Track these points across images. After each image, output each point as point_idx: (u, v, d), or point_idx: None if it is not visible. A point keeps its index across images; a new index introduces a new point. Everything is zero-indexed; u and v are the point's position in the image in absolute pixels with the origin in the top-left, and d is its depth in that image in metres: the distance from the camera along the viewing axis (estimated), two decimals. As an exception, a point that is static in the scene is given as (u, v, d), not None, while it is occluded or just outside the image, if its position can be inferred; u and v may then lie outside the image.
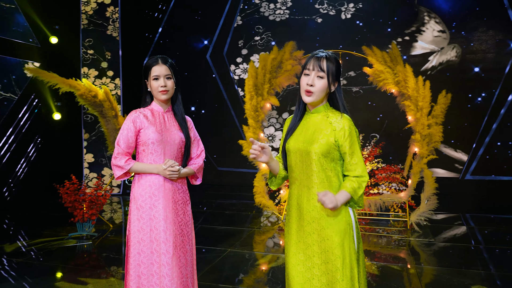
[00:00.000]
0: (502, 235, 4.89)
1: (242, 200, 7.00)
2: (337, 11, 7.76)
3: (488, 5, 6.94)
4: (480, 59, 7.06)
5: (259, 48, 8.22)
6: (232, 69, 8.39)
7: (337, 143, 1.82)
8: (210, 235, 4.90)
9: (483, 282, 3.44)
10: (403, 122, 7.34)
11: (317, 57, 1.83)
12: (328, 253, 1.79)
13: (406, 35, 7.40)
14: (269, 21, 8.14)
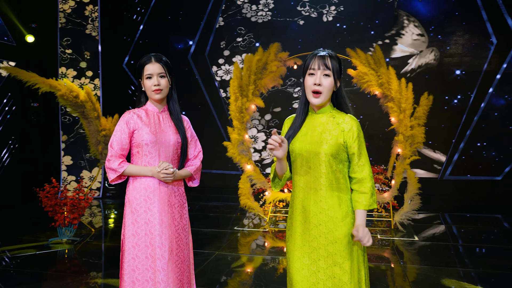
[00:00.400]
0: (478, 234, 5.03)
1: (225, 202, 6.95)
2: (319, 13, 7.82)
3: (464, 10, 7.14)
4: (457, 62, 7.26)
5: (241, 49, 8.20)
6: (214, 70, 8.33)
7: (345, 144, 1.81)
8: (196, 238, 4.83)
9: (461, 278, 3.52)
10: (383, 124, 7.47)
11: (320, 56, 1.79)
12: (336, 256, 1.76)
13: (386, 38, 7.53)
14: (251, 22, 8.13)
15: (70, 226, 4.57)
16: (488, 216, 6.00)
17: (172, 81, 2.19)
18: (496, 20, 6.98)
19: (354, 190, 1.85)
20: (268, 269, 3.85)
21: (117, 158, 2.14)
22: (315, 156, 1.80)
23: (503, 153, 7.05)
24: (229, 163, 8.26)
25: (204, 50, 8.35)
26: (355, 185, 1.85)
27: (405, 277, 3.60)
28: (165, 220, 2.09)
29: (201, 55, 8.37)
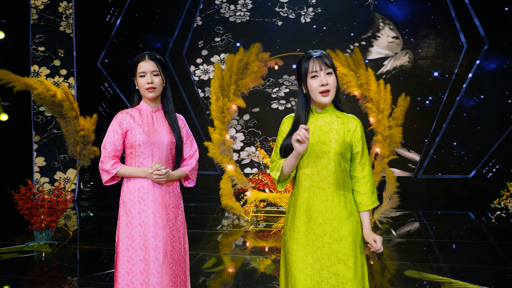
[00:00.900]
0: (449, 230, 5.22)
1: (204, 202, 6.91)
2: (297, 14, 7.90)
3: (437, 14, 7.39)
4: (430, 64, 7.50)
5: (219, 49, 8.17)
6: (192, 70, 8.27)
7: (351, 143, 1.85)
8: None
9: (435, 272, 3.66)
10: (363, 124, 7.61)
11: (317, 57, 1.82)
12: (340, 254, 1.78)
13: (363, 40, 7.69)
14: (230, 22, 8.11)
15: (47, 229, 4.42)
16: (459, 213, 6.24)
17: (166, 79, 2.16)
18: (466, 25, 7.25)
19: (355, 191, 1.89)
20: (249, 269, 3.86)
21: (110, 160, 2.10)
22: (324, 154, 1.82)
23: (472, 152, 7.34)
24: (207, 163, 8.22)
25: (181, 50, 8.27)
26: (356, 185, 1.88)
27: (384, 273, 3.70)
28: (159, 221, 2.06)
29: (178, 55, 8.28)
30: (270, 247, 4.56)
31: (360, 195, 1.87)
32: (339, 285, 1.77)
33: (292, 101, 7.98)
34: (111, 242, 4.66)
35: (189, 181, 2.27)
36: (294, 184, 1.92)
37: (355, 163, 1.87)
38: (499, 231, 5.00)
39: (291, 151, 1.83)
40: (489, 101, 7.24)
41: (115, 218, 6.22)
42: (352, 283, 1.76)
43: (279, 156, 1.93)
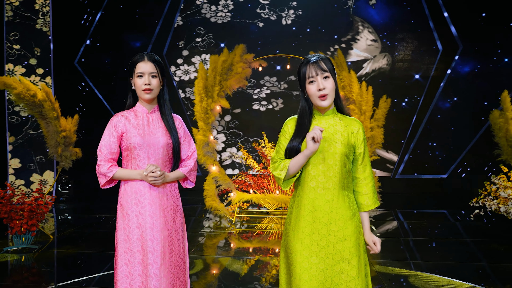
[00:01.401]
0: (426, 228, 5.38)
1: (186, 204, 6.85)
2: (278, 16, 7.95)
3: (414, 19, 7.60)
4: (407, 67, 7.71)
5: (200, 49, 8.13)
6: (173, 70, 8.19)
7: (354, 145, 1.89)
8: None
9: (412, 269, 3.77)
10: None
11: (313, 62, 1.85)
12: (344, 253, 1.82)
13: (343, 42, 7.82)
14: (211, 23, 8.09)
15: (27, 233, 4.28)
16: (435, 211, 6.43)
17: (164, 81, 2.14)
18: (442, 29, 7.49)
19: (356, 192, 1.93)
20: (233, 270, 3.85)
21: (107, 163, 2.08)
22: (330, 155, 1.85)
23: (448, 152, 7.58)
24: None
25: (162, 50, 8.18)
26: (358, 186, 1.93)
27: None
28: (157, 224, 2.03)
29: (159, 55, 8.15)
30: (254, 248, 4.57)
31: (362, 195, 1.92)
32: (343, 283, 1.80)
33: (273, 102, 8.03)
34: (95, 245, 4.56)
35: (187, 182, 2.24)
36: (298, 185, 1.94)
37: (357, 164, 1.92)
38: (474, 229, 5.19)
39: (296, 152, 1.87)
40: (463, 103, 7.50)
41: (96, 221, 6.12)
42: (356, 281, 1.80)
43: (281, 156, 1.95)
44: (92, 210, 6.47)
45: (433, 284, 3.47)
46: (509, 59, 7.27)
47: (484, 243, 4.55)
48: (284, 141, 1.96)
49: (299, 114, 1.95)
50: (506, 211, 4.03)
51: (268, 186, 6.01)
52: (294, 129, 1.93)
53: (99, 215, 6.11)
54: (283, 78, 7.96)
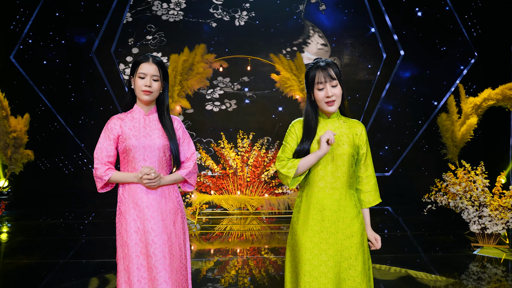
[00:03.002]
0: (375, 224, 5.73)
1: None
2: (231, 17, 7.97)
3: (361, 26, 8.02)
4: (354, 72, 8.11)
5: (151, 48, 7.89)
6: (122, 68, 7.86)
7: (358, 145, 1.99)
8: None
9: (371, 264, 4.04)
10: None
11: (322, 68, 1.92)
12: (352, 249, 1.90)
13: (294, 45, 8.03)
14: (162, 21, 7.89)
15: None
16: (380, 208, 6.84)
17: (165, 86, 2.09)
18: (385, 36, 7.99)
19: (358, 190, 2.03)
20: (193, 272, 3.78)
21: (103, 166, 2.03)
22: (339, 156, 1.93)
23: (391, 152, 8.11)
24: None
25: (109, 46, 7.82)
26: (360, 184, 2.03)
27: None
28: (156, 227, 1.97)
29: (106, 52, 7.82)
30: (215, 249, 4.56)
31: (364, 193, 2.02)
32: (350, 279, 1.89)
33: (226, 102, 8.02)
34: (52, 255, 4.26)
35: (187, 185, 2.19)
36: (306, 185, 1.99)
37: (360, 164, 2.02)
38: (421, 223, 5.62)
39: (305, 154, 1.93)
40: (404, 106, 8.06)
41: (48, 227, 5.73)
42: (362, 276, 1.90)
43: (288, 155, 2.00)
44: (38, 216, 6.01)
45: (391, 275, 3.73)
46: (447, 65, 7.94)
47: (434, 235, 4.95)
48: (291, 141, 2.01)
49: (305, 116, 2.01)
50: (454, 206, 4.41)
51: (227, 187, 6.01)
52: (302, 132, 1.99)
53: (49, 220, 5.70)
54: (237, 79, 7.99)
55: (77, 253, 4.33)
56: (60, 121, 7.81)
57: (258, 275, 3.76)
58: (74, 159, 7.93)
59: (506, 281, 3.70)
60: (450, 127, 4.87)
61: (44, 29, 7.65)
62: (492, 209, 4.25)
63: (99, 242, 4.79)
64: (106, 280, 3.57)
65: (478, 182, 4.32)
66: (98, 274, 3.70)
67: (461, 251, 4.39)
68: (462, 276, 3.78)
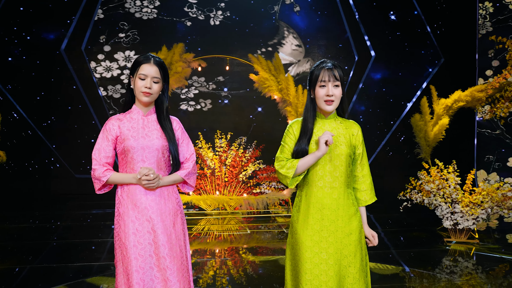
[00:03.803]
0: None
1: (106, 209, 6.48)
2: (206, 16, 7.92)
3: (334, 28, 8.17)
4: (328, 72, 8.26)
5: (124, 45, 7.72)
6: (93, 66, 7.64)
7: (354, 146, 2.04)
8: (101, 250, 4.43)
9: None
10: (267, 126, 8.01)
11: (329, 68, 1.97)
12: (351, 247, 1.95)
13: (269, 46, 8.08)
14: (136, 18, 7.73)
15: None
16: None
17: (165, 87, 2.07)
18: (358, 39, 8.19)
19: (355, 189, 2.08)
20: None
21: (101, 167, 2.00)
22: (337, 156, 1.98)
23: (363, 151, 8.31)
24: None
25: (80, 44, 7.58)
26: (357, 183, 2.08)
27: None
28: (155, 229, 1.95)
29: (76, 49, 7.57)
30: (193, 250, 4.51)
31: (360, 192, 2.07)
32: (350, 275, 1.94)
33: (201, 102, 7.96)
34: (21, 259, 4.09)
35: (186, 186, 2.17)
36: (305, 185, 2.03)
37: (356, 163, 2.08)
38: (391, 220, 5.81)
39: (304, 154, 1.97)
40: (376, 106, 8.29)
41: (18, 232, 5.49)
42: (360, 271, 1.96)
43: (286, 155, 2.04)
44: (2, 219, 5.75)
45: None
46: (416, 67, 8.23)
47: (408, 232, 5.13)
48: (289, 141, 2.05)
49: (303, 115, 2.05)
50: (428, 203, 4.59)
51: (205, 187, 5.98)
52: (300, 131, 2.02)
53: (18, 224, 5.47)
54: (212, 78, 7.95)
55: (47, 257, 4.18)
56: (28, 121, 7.50)
57: (236, 275, 3.77)
58: (42, 160, 7.64)
59: (476, 274, 3.89)
60: (423, 128, 5.07)
61: (8, 24, 7.32)
62: (463, 206, 4.46)
63: (72, 245, 4.64)
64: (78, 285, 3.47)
65: (450, 180, 4.52)
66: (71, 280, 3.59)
67: (435, 246, 4.58)
68: (436, 270, 3.94)
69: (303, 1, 8.11)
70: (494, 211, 4.40)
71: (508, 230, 5.36)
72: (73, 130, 7.61)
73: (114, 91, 7.71)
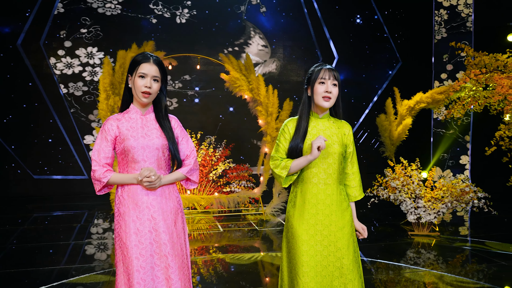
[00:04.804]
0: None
1: (71, 210, 6.26)
2: (172, 14, 7.83)
3: (299, 30, 8.36)
4: (292, 73, 8.44)
5: (86, 41, 7.46)
6: (52, 62, 7.32)
7: (346, 144, 2.15)
8: (61, 253, 4.29)
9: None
10: (234, 125, 8.06)
11: (329, 68, 2.07)
12: (343, 239, 2.06)
13: (236, 46, 8.12)
14: (99, 14, 7.49)
15: None
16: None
17: (163, 86, 2.07)
18: (321, 41, 8.43)
19: (346, 185, 2.20)
20: None
21: (101, 168, 1.98)
22: (330, 155, 2.08)
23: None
24: (74, 167, 7.43)
25: (38, 38, 7.24)
26: (347, 180, 2.19)
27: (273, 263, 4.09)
28: (157, 227, 1.96)
29: (34, 44, 7.23)
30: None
31: (351, 188, 2.19)
32: (344, 267, 2.05)
33: (167, 101, 7.86)
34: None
35: (189, 182, 2.17)
36: (300, 182, 2.12)
37: (347, 161, 2.19)
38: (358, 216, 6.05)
39: (298, 151, 2.07)
40: (338, 107, 8.56)
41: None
42: (353, 262, 2.07)
43: (281, 154, 2.13)
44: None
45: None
46: (376, 69, 8.59)
47: (376, 226, 5.37)
48: (283, 141, 2.14)
49: (299, 113, 2.15)
50: (394, 199, 4.84)
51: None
52: (295, 129, 2.11)
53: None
54: (178, 77, 7.88)
55: (5, 262, 3.99)
56: (-20, 118, 7.07)
57: (206, 273, 3.78)
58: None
59: (437, 264, 4.16)
60: (388, 127, 5.32)
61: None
62: (426, 201, 4.74)
63: (31, 249, 4.45)
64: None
65: (414, 176, 4.80)
66: (30, 286, 3.46)
67: (400, 239, 4.84)
68: (401, 261, 4.17)
69: (269, 2, 8.22)
70: (453, 205, 4.71)
71: (460, 223, 5.76)
72: (30, 129, 7.26)
73: (75, 89, 7.43)
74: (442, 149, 7.23)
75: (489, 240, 4.82)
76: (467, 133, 7.30)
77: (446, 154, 7.36)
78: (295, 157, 2.08)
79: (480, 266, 3.99)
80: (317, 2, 8.34)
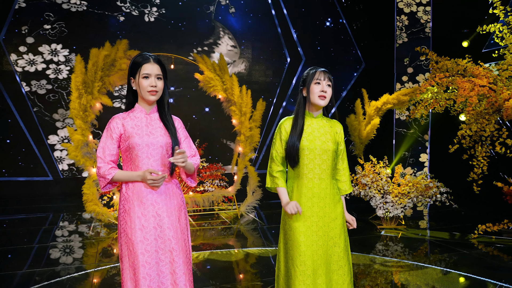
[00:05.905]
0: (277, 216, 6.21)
1: (33, 213, 6.05)
2: (140, 12, 7.72)
3: (267, 31, 8.51)
4: (261, 74, 8.57)
5: (50, 38, 7.20)
6: (13, 59, 7.02)
7: (337, 142, 2.31)
8: (24, 257, 4.17)
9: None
10: (204, 124, 8.08)
11: (323, 71, 2.24)
12: (336, 229, 2.24)
13: (205, 45, 8.14)
14: (63, 10, 7.26)
15: None
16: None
17: (166, 84, 2.11)
18: (289, 42, 8.63)
19: (337, 180, 2.36)
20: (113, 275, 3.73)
21: (106, 165, 2.02)
22: (324, 152, 2.23)
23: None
24: (37, 169, 7.17)
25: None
26: (338, 175, 2.36)
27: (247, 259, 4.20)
28: (161, 224, 2.01)
29: (-6, 39, 6.90)
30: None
31: (341, 182, 2.36)
32: (335, 254, 2.23)
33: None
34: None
35: (190, 179, 2.21)
36: (297, 177, 2.27)
37: (339, 158, 2.36)
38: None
39: (295, 150, 2.21)
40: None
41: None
42: (344, 251, 2.26)
43: (280, 153, 2.29)
44: None
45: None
46: (341, 71, 8.90)
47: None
48: (280, 140, 2.30)
49: (295, 112, 2.30)
50: (364, 195, 5.09)
51: (148, 186, 5.88)
52: (291, 127, 2.26)
53: None
54: (147, 76, 7.77)
55: None
56: None
57: None
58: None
59: (404, 255, 4.44)
60: (357, 127, 5.57)
61: None
62: (393, 196, 5.02)
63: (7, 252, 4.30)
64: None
65: (382, 173, 5.07)
66: None
67: (370, 233, 5.10)
68: (371, 254, 4.41)
69: (237, 3, 8.31)
70: (418, 199, 5.03)
71: (421, 217, 6.14)
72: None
73: (38, 87, 7.17)
74: (404, 148, 7.64)
75: (450, 231, 5.19)
76: (426, 133, 7.76)
77: (407, 152, 7.78)
78: (293, 154, 2.22)
79: (443, 256, 4.30)
80: (284, 4, 8.53)
